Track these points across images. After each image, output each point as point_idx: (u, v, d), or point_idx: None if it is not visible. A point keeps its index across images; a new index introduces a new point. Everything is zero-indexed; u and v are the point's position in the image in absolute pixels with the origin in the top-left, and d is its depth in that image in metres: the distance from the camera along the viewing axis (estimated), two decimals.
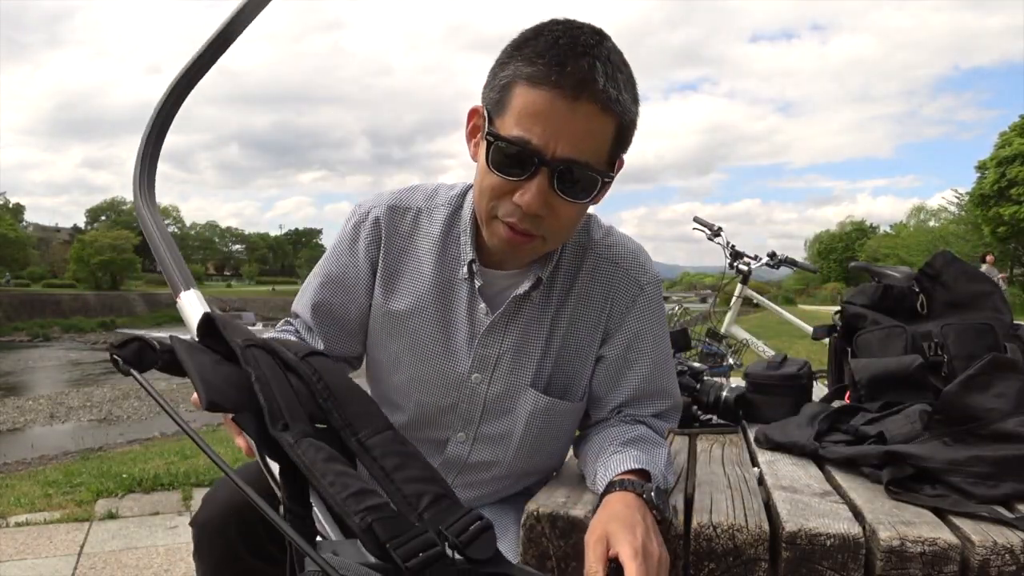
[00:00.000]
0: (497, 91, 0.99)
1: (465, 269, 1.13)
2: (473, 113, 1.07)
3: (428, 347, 1.16)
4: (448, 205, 1.17)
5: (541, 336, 1.15)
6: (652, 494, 0.93)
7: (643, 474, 0.98)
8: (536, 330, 1.15)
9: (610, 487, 0.96)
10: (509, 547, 1.08)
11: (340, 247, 1.20)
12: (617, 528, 0.85)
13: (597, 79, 0.94)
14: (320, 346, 1.19)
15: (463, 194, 1.18)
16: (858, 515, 0.93)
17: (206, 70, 1.00)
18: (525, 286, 1.12)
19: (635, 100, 1.01)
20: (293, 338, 1.19)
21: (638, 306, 1.16)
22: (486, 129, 0.99)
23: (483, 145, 1.00)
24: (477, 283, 1.12)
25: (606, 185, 1.02)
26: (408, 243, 1.17)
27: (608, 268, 1.17)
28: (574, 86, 0.94)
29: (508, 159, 0.97)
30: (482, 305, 1.13)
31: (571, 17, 1.01)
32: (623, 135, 1.01)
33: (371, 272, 1.18)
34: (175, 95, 1.00)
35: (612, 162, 1.03)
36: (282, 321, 1.26)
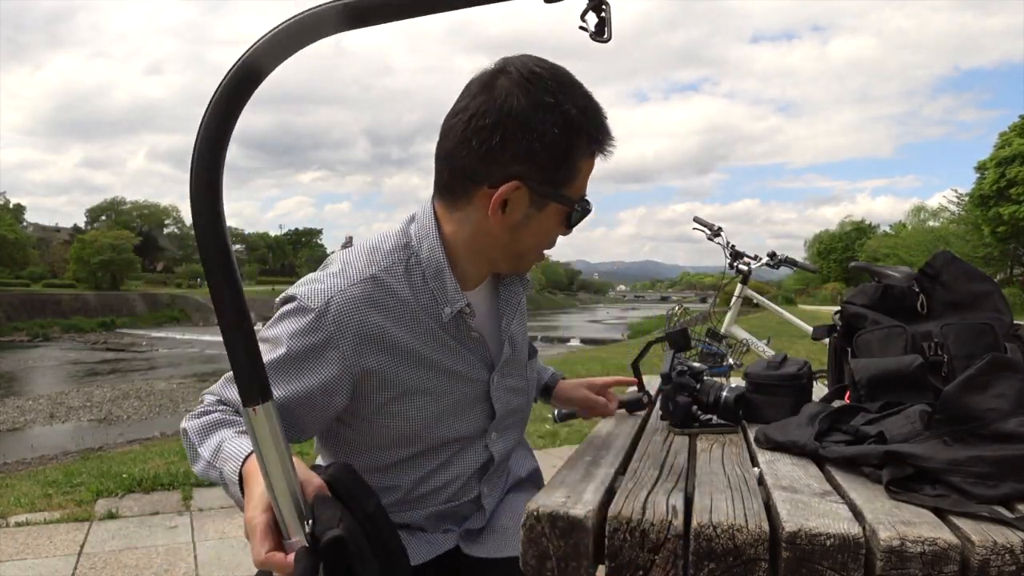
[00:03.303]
0: (567, 169, 1.10)
1: (450, 311, 1.16)
2: (509, 189, 1.07)
3: (449, 389, 1.19)
4: (400, 260, 1.15)
5: (523, 318, 1.36)
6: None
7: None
8: (521, 316, 1.34)
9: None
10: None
11: (299, 353, 1.07)
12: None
13: None
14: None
15: (406, 245, 1.16)
16: (858, 515, 0.93)
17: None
18: (520, 294, 1.33)
19: None
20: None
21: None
22: (572, 201, 1.13)
23: (550, 209, 1.12)
24: (471, 321, 1.20)
25: None
26: (381, 313, 1.11)
27: None
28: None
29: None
30: (475, 333, 1.21)
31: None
32: None
33: (350, 367, 1.09)
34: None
35: None
36: (211, 401, 1.13)
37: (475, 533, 1.27)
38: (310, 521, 0.83)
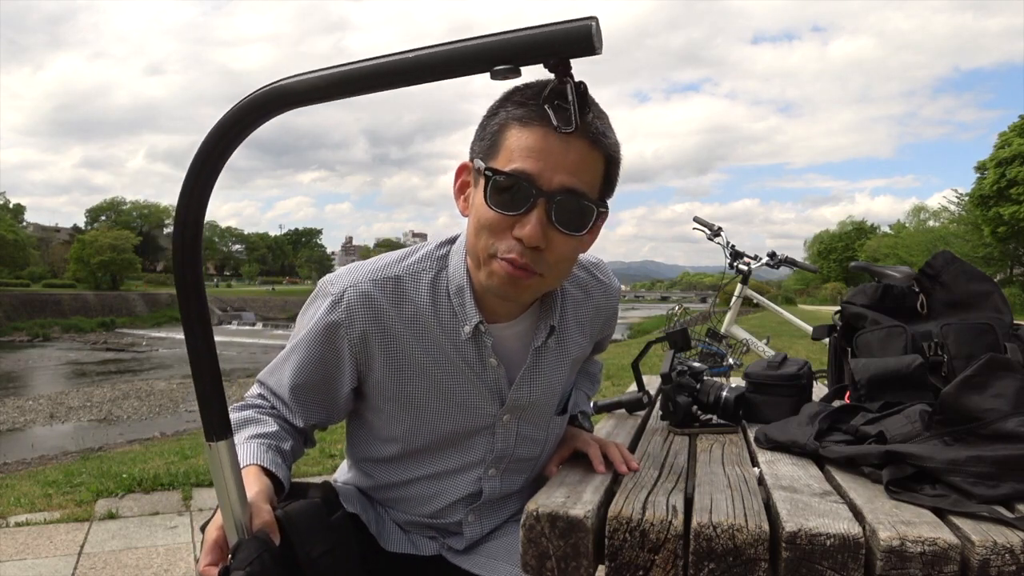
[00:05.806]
0: (489, 138, 1.03)
1: (468, 329, 1.12)
2: (462, 170, 1.11)
3: (449, 412, 1.18)
4: (430, 269, 1.15)
5: (560, 373, 1.24)
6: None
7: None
8: (556, 369, 1.23)
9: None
10: (513, 549, 1.09)
11: (315, 330, 1.14)
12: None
13: (586, 115, 0.98)
14: (300, 423, 1.19)
15: (444, 256, 1.16)
16: (858, 515, 0.93)
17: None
18: (541, 337, 1.18)
19: (618, 142, 1.05)
20: (274, 423, 1.15)
21: (615, 308, 1.33)
22: (483, 169, 1.01)
23: (480, 184, 1.03)
24: (488, 341, 1.14)
25: (601, 216, 1.06)
26: (396, 315, 1.12)
27: (592, 284, 1.27)
28: (566, 122, 0.97)
29: (507, 193, 1.00)
30: (493, 360, 1.16)
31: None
32: (611, 171, 1.06)
33: (355, 355, 1.14)
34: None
35: (603, 197, 1.07)
36: (255, 392, 1.22)
37: (457, 551, 1.27)
38: (231, 557, 0.90)
